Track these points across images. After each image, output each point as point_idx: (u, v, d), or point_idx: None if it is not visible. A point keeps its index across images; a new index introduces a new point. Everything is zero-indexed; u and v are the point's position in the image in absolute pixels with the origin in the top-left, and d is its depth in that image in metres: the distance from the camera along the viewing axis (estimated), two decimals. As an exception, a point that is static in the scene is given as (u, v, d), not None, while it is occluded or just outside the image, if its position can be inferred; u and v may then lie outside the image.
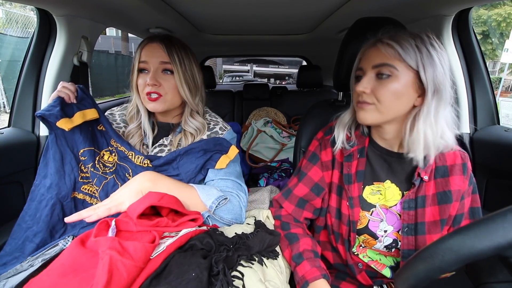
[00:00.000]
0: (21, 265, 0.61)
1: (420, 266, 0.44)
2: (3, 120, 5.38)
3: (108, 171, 0.81)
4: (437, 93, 0.61)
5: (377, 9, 1.13)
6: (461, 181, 0.68)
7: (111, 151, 0.83)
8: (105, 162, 0.82)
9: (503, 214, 0.38)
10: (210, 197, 0.76)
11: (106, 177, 0.80)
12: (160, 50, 0.82)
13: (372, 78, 0.65)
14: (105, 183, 0.79)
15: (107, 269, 0.48)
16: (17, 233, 0.75)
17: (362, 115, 0.68)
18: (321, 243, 0.84)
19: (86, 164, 0.79)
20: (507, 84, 11.90)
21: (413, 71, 0.62)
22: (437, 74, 0.61)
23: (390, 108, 0.65)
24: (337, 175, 0.77)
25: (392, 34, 0.64)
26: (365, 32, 0.72)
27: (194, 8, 1.27)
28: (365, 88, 0.65)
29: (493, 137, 1.05)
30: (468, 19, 1.10)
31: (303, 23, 1.61)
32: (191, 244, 0.62)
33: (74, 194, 0.79)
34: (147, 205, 0.64)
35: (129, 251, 0.54)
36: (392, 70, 0.62)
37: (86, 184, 0.81)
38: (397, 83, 0.62)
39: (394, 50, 0.61)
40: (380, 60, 0.63)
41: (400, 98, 0.63)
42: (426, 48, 0.61)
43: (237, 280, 0.56)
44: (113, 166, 0.82)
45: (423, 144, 0.63)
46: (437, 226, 0.69)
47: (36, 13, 1.06)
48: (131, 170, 0.82)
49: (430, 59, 0.60)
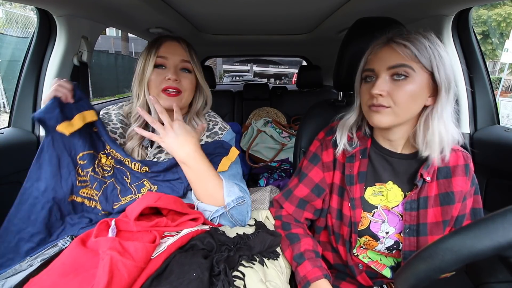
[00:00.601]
0: (20, 265, 0.61)
1: (420, 266, 0.44)
2: (3, 120, 5.38)
3: (106, 174, 0.80)
4: (448, 92, 0.62)
5: (377, 9, 1.13)
6: (463, 182, 0.68)
7: (107, 154, 0.82)
8: (103, 165, 0.81)
9: (503, 214, 0.38)
10: (231, 194, 0.75)
11: (105, 181, 0.79)
12: (180, 48, 0.83)
13: (387, 80, 0.63)
14: (105, 188, 0.78)
15: (108, 269, 0.48)
16: (6, 236, 0.72)
17: (378, 119, 0.65)
18: (321, 244, 0.84)
19: (85, 168, 0.77)
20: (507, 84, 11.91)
21: (427, 71, 0.62)
22: (448, 73, 0.61)
23: (406, 110, 0.64)
24: (339, 176, 0.77)
25: (404, 34, 0.64)
26: (365, 32, 0.72)
27: (194, 8, 1.27)
28: (382, 91, 0.62)
29: (493, 137, 1.05)
30: (468, 19, 1.10)
31: (303, 23, 1.61)
32: (192, 244, 0.62)
33: (72, 198, 0.78)
34: (143, 207, 0.64)
35: (129, 251, 0.54)
36: (409, 71, 0.61)
37: (84, 187, 0.79)
38: (413, 84, 0.62)
39: (410, 51, 0.60)
40: (397, 60, 0.61)
41: (416, 99, 0.63)
42: (436, 48, 0.61)
43: (238, 280, 0.56)
44: (111, 170, 0.81)
45: (439, 142, 0.64)
46: (439, 227, 0.69)
47: (36, 13, 1.06)
48: (128, 173, 0.81)
49: (441, 59, 0.61)
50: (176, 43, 0.84)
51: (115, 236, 0.60)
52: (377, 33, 0.68)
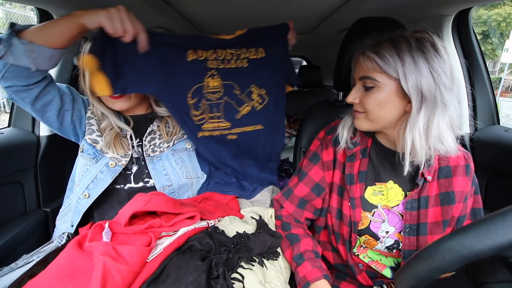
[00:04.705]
0: (16, 263, 0.61)
1: (420, 266, 0.44)
2: (3, 120, 5.37)
3: (219, 96, 0.92)
4: (425, 101, 0.59)
5: (377, 9, 1.13)
6: (464, 182, 0.68)
7: (212, 75, 0.91)
8: (213, 88, 0.92)
9: (503, 214, 0.38)
10: None
11: (220, 102, 0.92)
12: None
13: (360, 89, 0.68)
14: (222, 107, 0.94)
15: (101, 276, 0.48)
16: None
17: (357, 123, 0.71)
18: (321, 243, 0.84)
19: (198, 104, 0.92)
20: (507, 84, 11.89)
21: (395, 80, 0.61)
22: (421, 81, 0.58)
23: (378, 116, 0.66)
24: (339, 175, 0.77)
25: (374, 44, 0.64)
26: (365, 32, 0.72)
27: (194, 9, 1.27)
28: (353, 99, 0.69)
29: (493, 137, 1.05)
30: (468, 19, 1.10)
31: (303, 23, 1.61)
32: (190, 244, 0.61)
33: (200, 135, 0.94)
34: (131, 213, 0.63)
35: (123, 255, 0.53)
36: (374, 82, 0.63)
37: (204, 123, 0.95)
38: (379, 94, 0.64)
39: (373, 63, 0.62)
40: (363, 73, 0.66)
41: (385, 107, 0.64)
42: (410, 55, 0.59)
43: (237, 283, 0.56)
44: (221, 89, 0.92)
45: (410, 149, 0.62)
46: (439, 227, 0.69)
47: (36, 13, 1.05)
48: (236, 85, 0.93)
49: (414, 67, 0.58)
50: None
51: (110, 239, 0.59)
52: (376, 34, 0.67)
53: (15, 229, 0.94)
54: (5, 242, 0.89)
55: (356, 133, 0.76)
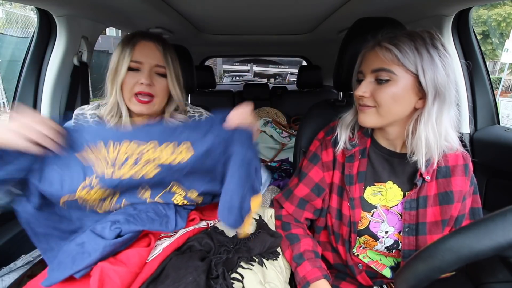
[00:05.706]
0: (15, 263, 0.61)
1: (420, 266, 0.44)
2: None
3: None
4: (438, 96, 0.60)
5: (377, 9, 1.13)
6: (462, 182, 0.68)
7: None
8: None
9: (503, 214, 0.38)
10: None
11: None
12: (156, 51, 0.79)
13: (372, 82, 0.65)
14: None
15: (98, 278, 0.48)
16: None
17: (363, 118, 0.68)
18: (321, 244, 0.84)
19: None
20: (507, 84, 11.88)
21: (412, 74, 0.61)
22: (438, 76, 0.60)
23: (390, 112, 0.65)
24: (338, 176, 0.77)
25: (391, 36, 0.64)
26: (365, 32, 0.72)
27: (194, 9, 1.27)
28: (364, 93, 0.65)
29: (493, 137, 1.05)
30: (468, 19, 1.10)
31: (303, 24, 1.61)
32: (189, 245, 0.61)
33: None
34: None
35: (121, 259, 0.53)
36: (391, 75, 0.62)
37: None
38: (395, 87, 0.62)
39: (392, 54, 0.61)
40: (379, 64, 0.63)
41: (399, 102, 0.63)
42: (427, 50, 0.60)
43: (236, 283, 0.56)
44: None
45: (425, 147, 0.63)
46: (438, 226, 0.69)
47: (36, 13, 1.05)
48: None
49: (430, 62, 0.59)
50: (152, 44, 0.79)
51: None
52: (375, 34, 0.68)
53: (15, 229, 0.94)
54: (5, 242, 0.89)
55: (354, 133, 0.76)
